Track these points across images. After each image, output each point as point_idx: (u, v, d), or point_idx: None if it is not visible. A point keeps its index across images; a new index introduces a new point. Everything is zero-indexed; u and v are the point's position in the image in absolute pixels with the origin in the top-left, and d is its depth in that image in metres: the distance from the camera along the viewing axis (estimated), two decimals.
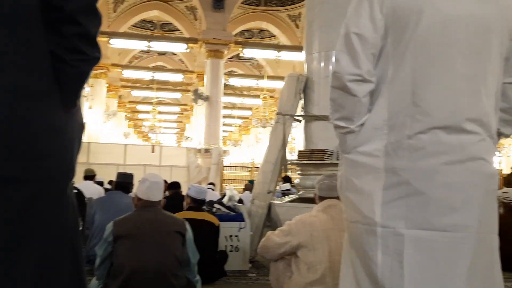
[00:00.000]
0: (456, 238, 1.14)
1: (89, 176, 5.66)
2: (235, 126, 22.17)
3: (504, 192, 4.62)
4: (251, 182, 7.30)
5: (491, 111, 1.22)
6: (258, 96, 15.92)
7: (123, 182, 3.86)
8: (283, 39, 14.57)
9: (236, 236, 3.76)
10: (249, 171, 13.00)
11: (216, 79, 12.27)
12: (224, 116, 20.21)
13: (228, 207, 4.13)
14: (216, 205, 4.03)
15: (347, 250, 1.30)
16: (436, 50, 1.17)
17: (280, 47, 13.37)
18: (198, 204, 3.34)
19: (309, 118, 4.41)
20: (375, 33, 1.19)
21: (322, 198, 2.27)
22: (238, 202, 4.85)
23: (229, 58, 17.17)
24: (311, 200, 2.78)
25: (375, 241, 1.16)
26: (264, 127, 15.04)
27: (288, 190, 7.03)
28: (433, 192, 1.14)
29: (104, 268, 2.24)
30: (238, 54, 15.81)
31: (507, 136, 1.39)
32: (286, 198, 4.75)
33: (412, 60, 1.18)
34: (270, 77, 15.20)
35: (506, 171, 12.05)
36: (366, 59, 1.19)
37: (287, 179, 8.01)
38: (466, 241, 1.15)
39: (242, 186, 8.65)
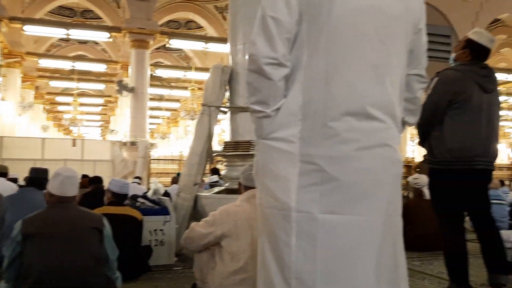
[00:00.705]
0: (367, 221, 1.20)
1: (1, 173, 5.25)
2: (163, 118, 21.70)
3: (414, 178, 4.97)
4: (179, 175, 7.20)
5: (396, 100, 1.29)
6: (186, 88, 15.69)
7: (37, 178, 3.60)
8: (210, 31, 14.45)
9: (161, 230, 3.69)
10: (177, 164, 12.80)
11: (142, 70, 11.89)
12: (151, 108, 19.68)
13: (153, 201, 4.04)
14: (140, 199, 3.92)
15: (259, 237, 1.31)
16: (346, 39, 1.21)
17: (207, 39, 13.25)
18: (119, 198, 3.22)
19: (234, 109, 4.41)
20: (290, 17, 1.21)
21: (247, 188, 2.28)
22: (164, 196, 4.76)
23: (156, 49, 16.71)
24: (237, 191, 2.80)
25: (290, 226, 1.18)
26: (192, 119, 14.87)
27: (217, 182, 7.02)
28: (346, 178, 1.18)
29: (13, 270, 2.09)
30: (164, 45, 15.43)
31: (411, 125, 1.49)
32: (215, 190, 4.74)
33: (325, 48, 1.21)
34: (198, 69, 15.04)
35: (418, 159, 13.00)
36: (281, 43, 1.21)
37: (216, 171, 8.01)
38: (376, 223, 1.21)
39: (171, 179, 8.51)
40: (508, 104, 17.85)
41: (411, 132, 17.81)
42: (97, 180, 5.07)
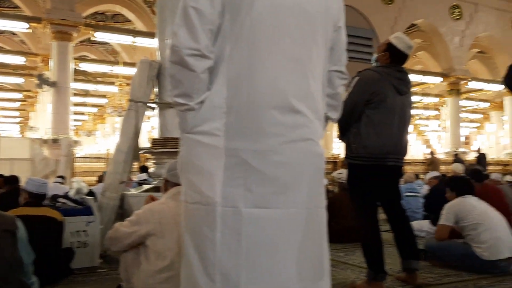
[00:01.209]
0: (289, 214, 1.21)
1: None
2: (89, 114, 20.69)
3: (339, 173, 5.18)
4: (106, 173, 6.91)
5: (318, 95, 1.32)
6: (113, 83, 15.09)
7: None
8: (139, 25, 14.01)
9: (84, 231, 3.52)
10: (104, 162, 12.28)
11: (64, 64, 11.22)
12: (76, 104, 18.67)
13: (75, 201, 3.84)
14: (61, 199, 3.71)
15: (183, 234, 1.29)
16: (268, 33, 1.22)
17: (135, 33, 12.83)
18: (36, 199, 3.03)
19: (163, 105, 4.32)
20: (212, 8, 1.20)
21: (173, 185, 2.24)
22: (88, 195, 4.54)
23: (80, 42, 15.87)
24: None
25: (215, 221, 1.17)
26: (120, 116, 14.33)
27: (145, 180, 6.84)
28: (270, 171, 1.19)
29: None
30: (90, 38, 14.71)
31: (333, 120, 1.52)
32: (144, 188, 4.61)
33: (248, 41, 1.21)
34: (126, 64, 14.50)
35: (342, 155, 13.58)
36: (204, 34, 1.19)
37: (144, 169, 7.79)
38: (298, 216, 1.23)
39: (97, 178, 8.15)
40: (423, 104, 19.22)
41: (337, 130, 18.57)
42: (13, 179, 4.73)
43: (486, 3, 14.80)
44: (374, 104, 2.82)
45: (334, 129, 16.65)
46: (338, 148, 16.31)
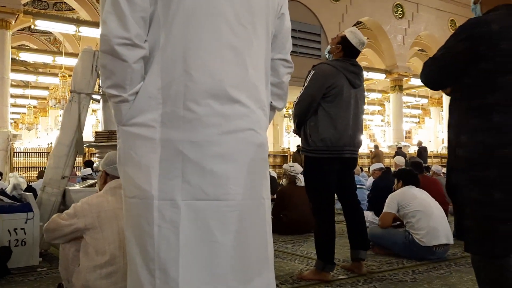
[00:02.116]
0: (230, 206, 1.18)
1: None
2: (29, 107, 19.63)
3: (290, 166, 5.25)
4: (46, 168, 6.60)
5: (260, 84, 1.29)
6: (56, 75, 14.40)
7: None
8: (83, 14, 13.45)
9: (23, 228, 3.34)
10: (46, 157, 11.71)
11: (2, 53, 10.54)
12: (14, 96, 17.69)
13: (12, 197, 3.63)
14: None
15: (125, 231, 1.24)
16: (203, 19, 1.18)
17: (79, 22, 12.28)
18: None
19: (107, 97, 4.17)
20: None
21: (113, 177, 2.17)
22: (27, 191, 4.32)
23: (19, 30, 15.03)
24: None
25: (152, 215, 1.14)
26: (63, 109, 13.69)
27: (90, 175, 6.61)
28: (208, 163, 1.16)
29: None
30: (30, 27, 13.94)
31: (279, 109, 1.51)
32: (87, 183, 4.44)
33: (182, 28, 1.17)
34: (69, 54, 13.89)
35: (292, 149, 13.82)
36: (135, 22, 1.14)
37: (89, 164, 7.52)
38: (239, 208, 1.20)
39: (38, 173, 7.76)
40: (368, 99, 19.89)
41: (287, 124, 18.86)
42: None
43: (426, 3, 15.51)
44: (331, 97, 2.88)
45: (284, 122, 16.90)
46: (288, 143, 16.57)
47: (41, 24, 12.02)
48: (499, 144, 1.74)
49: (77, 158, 4.40)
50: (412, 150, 16.84)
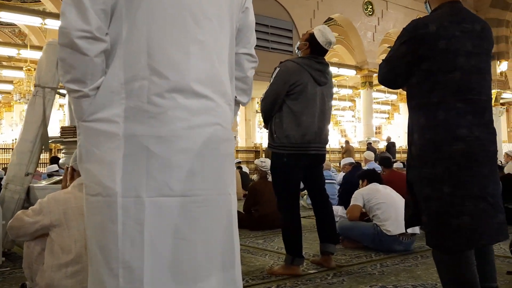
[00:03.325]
0: (196, 201, 1.17)
1: None
2: None
3: (262, 161, 5.27)
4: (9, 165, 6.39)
5: (225, 78, 1.27)
6: (21, 68, 13.94)
7: None
8: (49, 6, 13.02)
9: None
10: (10, 153, 11.34)
11: None
12: None
13: None
14: None
15: (86, 229, 1.21)
16: (168, 12, 1.16)
17: (45, 14, 11.90)
18: None
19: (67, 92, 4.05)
20: None
21: (79, 174, 2.11)
22: None
23: None
24: None
25: (116, 213, 1.11)
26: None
27: (56, 171, 6.44)
28: (174, 158, 1.14)
29: None
30: None
31: (244, 104, 1.49)
32: (55, 180, 4.31)
33: (146, 21, 1.14)
34: (35, 47, 13.44)
35: (265, 145, 13.85)
36: (95, 14, 1.10)
37: (55, 160, 7.32)
38: (205, 203, 1.18)
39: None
40: (339, 95, 20.16)
41: (259, 120, 18.89)
42: None
43: (395, 1, 15.80)
44: (295, 94, 2.89)
45: (257, 118, 16.91)
46: (261, 138, 16.61)
47: (6, 16, 11.58)
48: (445, 141, 1.81)
49: (43, 154, 4.27)
50: (382, 145, 17.18)
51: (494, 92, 17.23)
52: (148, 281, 1.10)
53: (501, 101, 19.57)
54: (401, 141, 19.66)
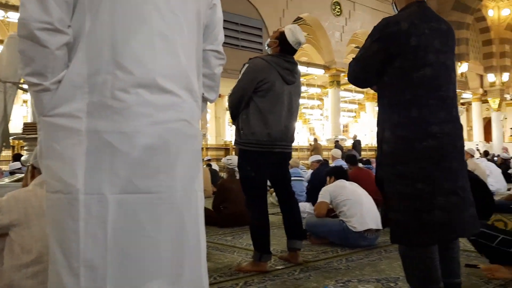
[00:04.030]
0: (161, 199, 1.15)
1: None
2: None
3: (228, 159, 5.27)
4: None
5: (192, 74, 1.25)
6: None
7: None
8: None
9: None
10: None
11: None
12: None
13: None
14: None
15: (46, 227, 1.18)
16: (132, 5, 1.14)
17: (7, 7, 11.48)
18: None
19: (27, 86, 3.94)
20: None
21: (40, 171, 2.06)
22: None
23: None
24: None
25: (77, 211, 1.08)
26: None
27: (19, 169, 6.23)
28: (139, 154, 1.12)
29: None
30: None
31: (211, 101, 1.49)
32: (17, 177, 4.18)
33: (110, 14, 1.12)
34: None
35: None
36: (57, 5, 1.07)
37: (18, 157, 7.09)
38: (171, 200, 1.17)
39: None
40: (308, 94, 20.39)
41: (229, 118, 18.87)
42: None
43: (362, 2, 16.12)
44: (262, 92, 2.90)
45: (227, 115, 16.89)
46: (231, 136, 16.59)
47: None
48: (418, 138, 1.85)
49: (5, 151, 4.13)
50: (349, 143, 17.50)
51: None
52: (112, 280, 1.08)
53: (461, 101, 20.34)
54: (367, 139, 20.10)
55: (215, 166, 10.43)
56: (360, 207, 3.68)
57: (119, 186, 1.10)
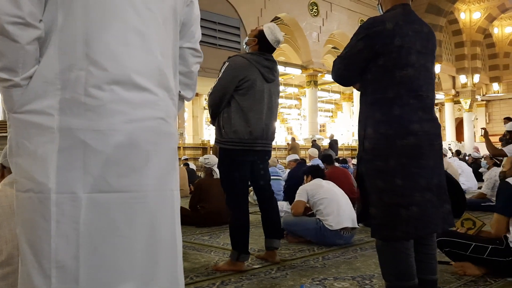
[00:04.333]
0: (136, 198, 1.13)
1: None
2: None
3: (205, 158, 5.25)
4: None
5: (168, 72, 1.24)
6: None
7: None
8: None
9: None
10: None
11: None
12: None
13: None
14: None
15: (16, 227, 1.14)
16: (106, 1, 1.12)
17: None
18: None
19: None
20: None
21: (11, 170, 2.00)
22: None
23: None
24: None
25: (49, 210, 1.05)
26: None
27: None
28: (113, 153, 1.10)
29: None
30: None
31: (188, 99, 1.47)
32: None
33: (83, 8, 1.09)
34: None
35: (212, 141, 13.80)
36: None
37: None
38: (146, 200, 1.15)
39: None
40: (286, 94, 20.50)
41: (207, 116, 18.79)
42: None
43: (339, 3, 16.30)
44: (243, 90, 2.89)
45: (204, 114, 16.81)
46: (209, 135, 16.54)
47: None
48: (399, 135, 1.91)
49: None
50: (326, 142, 17.68)
51: None
52: (84, 281, 1.05)
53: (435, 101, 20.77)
54: (344, 139, 20.35)
55: (192, 165, 10.37)
56: (336, 206, 3.72)
57: (92, 185, 1.08)
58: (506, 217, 2.71)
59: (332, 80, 2.33)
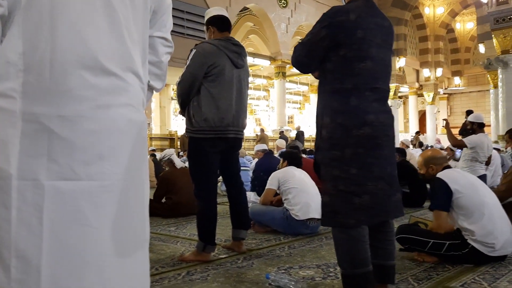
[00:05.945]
0: (103, 186, 1.10)
1: None
2: None
3: (162, 154, 5.26)
4: None
5: (137, 59, 1.21)
6: None
7: None
8: None
9: None
10: None
11: None
12: None
13: None
14: None
15: None
16: None
17: None
18: None
19: None
20: None
21: None
22: None
23: None
24: None
25: (10, 197, 1.02)
26: None
27: None
28: (79, 140, 1.07)
29: None
30: None
31: (157, 90, 1.44)
32: None
33: None
34: None
35: (180, 132, 13.69)
36: None
37: None
38: (113, 188, 1.12)
39: None
40: (254, 85, 20.50)
41: (174, 107, 18.57)
42: None
43: None
44: (212, 76, 2.85)
45: (172, 105, 16.58)
46: (177, 126, 16.33)
47: None
48: (355, 125, 1.95)
49: None
50: (294, 134, 17.83)
51: (393, 86, 18.70)
52: (47, 272, 1.02)
53: (399, 94, 21.29)
54: (311, 130, 20.57)
55: (159, 156, 10.24)
56: (305, 196, 3.75)
57: (57, 172, 1.04)
58: (446, 212, 2.80)
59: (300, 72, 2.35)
